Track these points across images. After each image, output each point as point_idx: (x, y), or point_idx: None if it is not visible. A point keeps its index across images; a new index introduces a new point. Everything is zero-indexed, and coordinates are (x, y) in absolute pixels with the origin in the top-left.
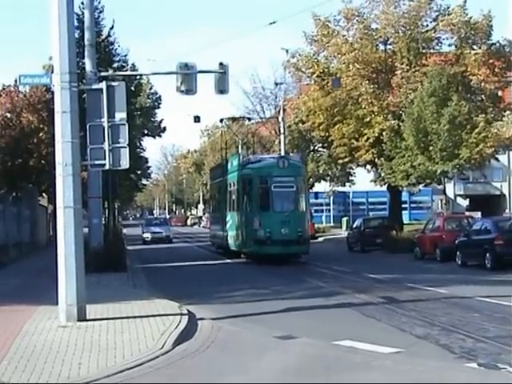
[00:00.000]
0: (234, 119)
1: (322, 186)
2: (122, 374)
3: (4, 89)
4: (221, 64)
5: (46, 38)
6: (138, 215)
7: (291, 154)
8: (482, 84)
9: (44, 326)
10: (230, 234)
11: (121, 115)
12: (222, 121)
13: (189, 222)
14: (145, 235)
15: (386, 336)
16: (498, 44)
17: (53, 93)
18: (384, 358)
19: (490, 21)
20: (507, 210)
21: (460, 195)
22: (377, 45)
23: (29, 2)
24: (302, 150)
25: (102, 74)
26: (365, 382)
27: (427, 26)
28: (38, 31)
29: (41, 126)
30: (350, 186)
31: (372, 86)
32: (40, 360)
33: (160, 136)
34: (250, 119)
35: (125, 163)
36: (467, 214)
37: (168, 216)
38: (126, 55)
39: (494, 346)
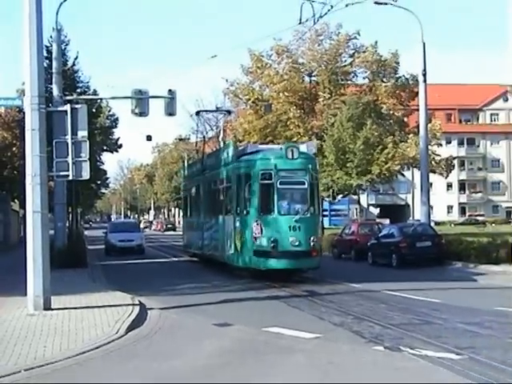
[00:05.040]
0: (209, 111)
1: None
2: (82, 356)
3: None
4: (170, 90)
5: (19, 65)
6: (97, 219)
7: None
8: (391, 111)
9: (14, 315)
10: (217, 242)
11: (83, 133)
12: (198, 113)
13: (141, 226)
14: (110, 244)
15: (307, 323)
16: (403, 78)
17: (24, 113)
18: (306, 342)
19: (397, 58)
20: (410, 218)
21: (372, 204)
22: (303, 76)
23: (3, 38)
24: None
25: (67, 97)
26: (289, 363)
27: (345, 61)
28: (12, 60)
29: (14, 141)
30: None
31: (299, 112)
32: (10, 343)
33: (117, 151)
34: (230, 113)
35: (86, 174)
36: (378, 220)
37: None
38: (88, 82)
39: (398, 331)
